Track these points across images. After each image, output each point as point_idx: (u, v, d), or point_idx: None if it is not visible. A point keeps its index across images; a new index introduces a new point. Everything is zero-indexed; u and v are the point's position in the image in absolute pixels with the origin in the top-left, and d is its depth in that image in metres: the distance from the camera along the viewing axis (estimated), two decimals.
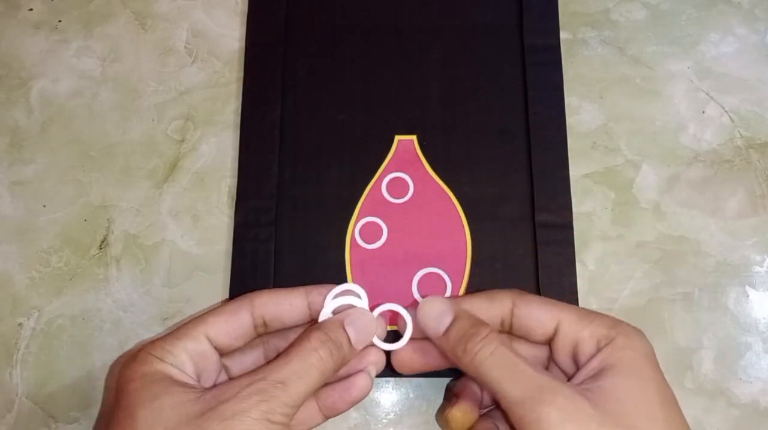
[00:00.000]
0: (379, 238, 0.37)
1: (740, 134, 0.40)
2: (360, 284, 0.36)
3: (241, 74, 0.40)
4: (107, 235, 0.38)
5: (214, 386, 0.28)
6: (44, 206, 0.39)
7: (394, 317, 0.33)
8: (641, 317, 0.37)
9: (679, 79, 0.41)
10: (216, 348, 0.29)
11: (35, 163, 0.40)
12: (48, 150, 0.40)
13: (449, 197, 0.38)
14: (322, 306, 0.31)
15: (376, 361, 0.31)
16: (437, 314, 0.29)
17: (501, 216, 0.37)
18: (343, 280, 0.37)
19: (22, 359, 0.36)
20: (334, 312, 0.31)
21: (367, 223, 0.38)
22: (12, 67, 0.42)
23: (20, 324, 0.37)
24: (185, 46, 0.42)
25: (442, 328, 0.28)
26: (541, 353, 0.30)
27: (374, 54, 0.41)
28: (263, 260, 0.37)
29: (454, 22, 0.41)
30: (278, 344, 0.32)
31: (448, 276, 0.37)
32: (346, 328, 0.29)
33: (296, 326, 0.31)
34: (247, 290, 0.36)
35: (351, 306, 0.31)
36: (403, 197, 0.38)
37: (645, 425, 0.24)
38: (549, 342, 0.29)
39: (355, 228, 0.38)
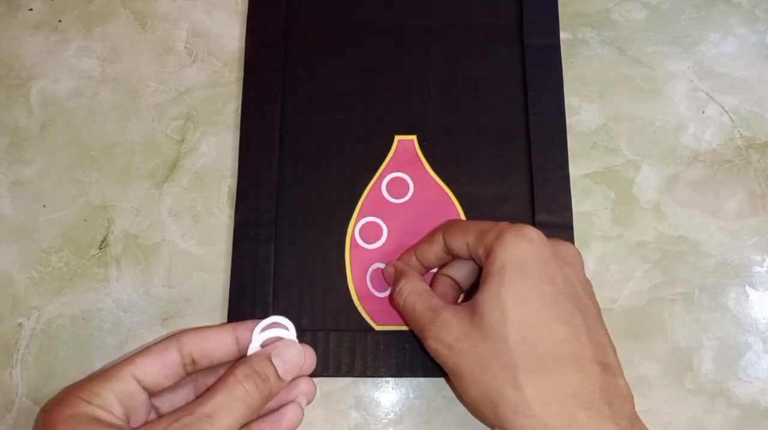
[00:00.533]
0: (379, 238, 0.37)
1: (740, 134, 0.40)
2: (359, 284, 0.37)
3: (241, 74, 0.40)
4: (107, 235, 0.38)
5: (143, 424, 0.28)
6: (44, 206, 0.39)
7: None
8: (641, 317, 0.37)
9: (679, 79, 0.41)
10: (144, 388, 0.29)
11: (35, 163, 0.40)
12: (48, 150, 0.40)
13: (449, 197, 0.38)
14: (250, 341, 0.30)
15: (307, 391, 0.31)
16: (388, 276, 0.35)
17: (501, 216, 0.37)
18: (343, 280, 0.37)
19: (22, 359, 0.36)
20: (263, 345, 0.31)
21: (367, 223, 0.38)
22: (12, 67, 0.42)
23: (20, 324, 0.37)
24: (185, 46, 0.42)
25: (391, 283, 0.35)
26: None
27: (374, 54, 0.41)
28: (263, 260, 0.37)
29: (454, 22, 0.41)
30: (207, 381, 0.31)
31: None
32: (273, 360, 0.29)
33: (225, 363, 0.31)
34: (247, 290, 0.36)
35: (279, 338, 0.31)
36: (403, 197, 0.38)
37: (499, 330, 0.27)
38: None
39: (355, 228, 0.38)
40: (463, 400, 0.30)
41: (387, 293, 0.37)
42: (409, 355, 0.35)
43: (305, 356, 0.31)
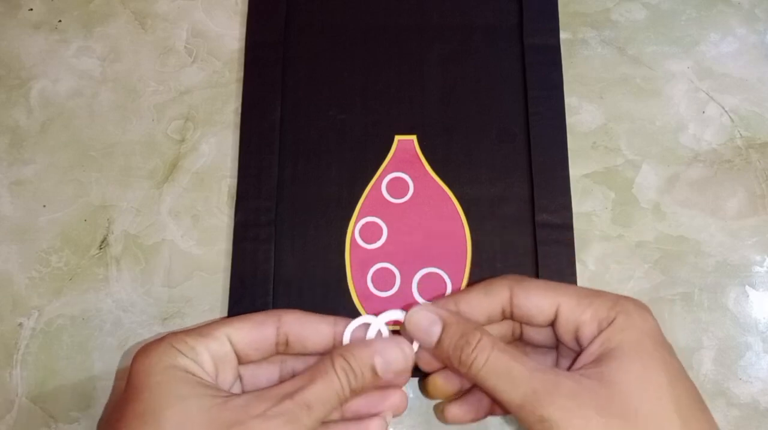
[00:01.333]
0: (379, 238, 0.37)
1: (740, 134, 0.40)
2: (359, 284, 0.37)
3: (241, 74, 0.40)
4: (107, 235, 0.38)
5: (240, 394, 0.27)
6: (44, 206, 0.39)
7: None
8: None
9: (679, 79, 0.41)
10: (236, 354, 0.28)
11: (35, 163, 0.40)
12: (48, 150, 0.40)
13: (449, 197, 0.38)
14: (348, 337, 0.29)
15: (397, 405, 0.29)
16: (426, 326, 0.28)
17: (501, 216, 0.37)
18: (343, 280, 0.37)
19: (22, 359, 0.36)
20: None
21: (367, 223, 0.38)
22: (12, 67, 0.42)
23: (20, 324, 0.37)
24: (185, 46, 0.42)
25: (434, 339, 0.28)
26: (549, 333, 0.29)
27: (374, 54, 0.41)
28: (263, 260, 0.37)
29: (454, 22, 0.41)
30: (296, 366, 0.30)
31: (448, 276, 0.37)
32: (375, 358, 0.27)
33: (317, 353, 0.30)
34: (247, 290, 0.36)
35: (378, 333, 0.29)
36: (403, 197, 0.38)
37: (650, 408, 0.24)
38: (552, 325, 0.28)
39: (355, 228, 0.38)
40: None
41: (387, 293, 0.37)
42: None
43: (408, 360, 0.28)
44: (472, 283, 0.36)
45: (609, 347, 0.25)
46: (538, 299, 0.27)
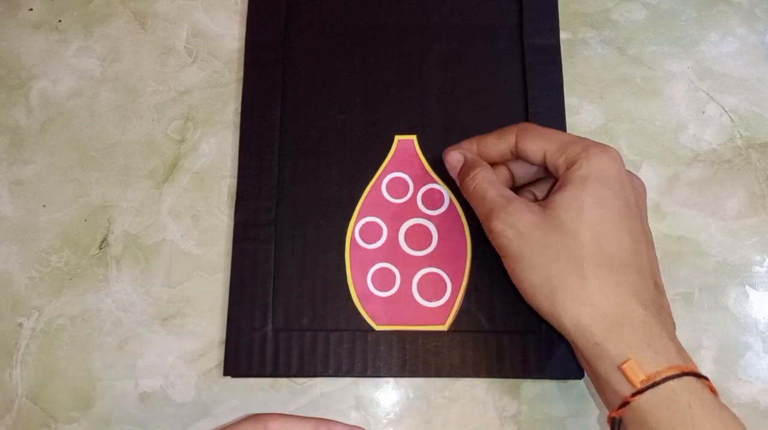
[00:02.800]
0: (379, 238, 0.37)
1: (740, 134, 0.40)
2: (359, 284, 0.37)
3: (241, 74, 0.40)
4: (107, 235, 0.38)
5: None
6: (44, 206, 0.39)
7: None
8: None
9: (679, 79, 0.41)
10: None
11: (35, 163, 0.40)
12: (48, 150, 0.40)
13: (449, 197, 0.38)
14: None
15: None
16: (455, 160, 0.36)
17: None
18: (343, 280, 0.37)
19: (22, 359, 0.36)
20: None
21: (367, 223, 0.38)
22: (12, 67, 0.42)
23: (20, 324, 0.37)
24: (185, 46, 0.42)
25: (458, 168, 0.35)
26: (534, 175, 0.36)
27: (374, 54, 0.41)
28: (263, 260, 0.37)
29: (454, 22, 0.41)
30: None
31: (448, 276, 0.37)
32: None
33: None
34: (247, 290, 0.36)
35: None
36: (403, 197, 0.38)
37: (571, 224, 0.30)
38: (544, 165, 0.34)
39: (355, 228, 0.38)
40: (520, 284, 0.31)
41: (387, 293, 0.37)
42: (409, 355, 0.35)
43: None
44: (472, 282, 0.36)
45: (562, 183, 0.31)
46: (532, 145, 0.33)
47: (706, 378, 0.28)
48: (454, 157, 0.36)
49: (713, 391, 0.28)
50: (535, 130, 0.34)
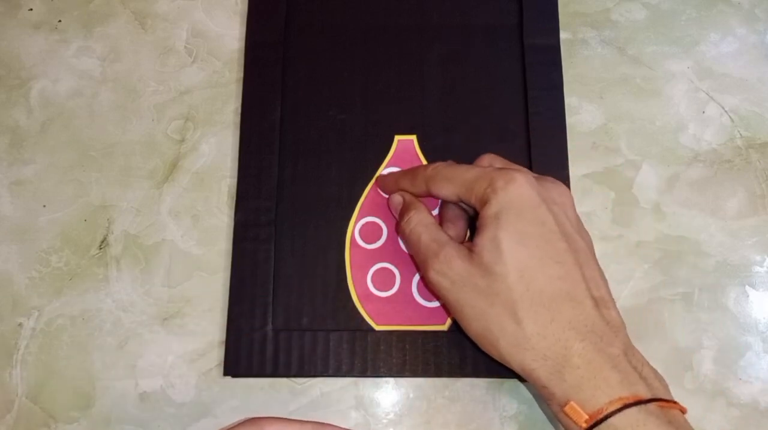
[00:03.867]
0: (379, 238, 0.37)
1: (740, 134, 0.40)
2: (359, 284, 0.37)
3: (241, 74, 0.40)
4: (107, 235, 0.38)
5: None
6: (44, 206, 0.39)
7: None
8: (641, 317, 0.37)
9: (679, 79, 0.41)
10: None
11: (35, 163, 0.40)
12: (48, 150, 0.40)
13: None
14: None
15: None
16: (395, 205, 0.36)
17: None
18: (343, 280, 0.37)
19: (22, 359, 0.36)
20: None
21: (367, 223, 0.38)
22: (12, 67, 0.42)
23: (20, 324, 0.37)
24: (185, 46, 0.42)
25: (398, 209, 0.36)
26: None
27: (374, 54, 0.41)
28: (263, 260, 0.37)
29: (454, 22, 0.41)
30: None
31: None
32: None
33: None
34: (247, 290, 0.36)
35: None
36: None
37: (497, 267, 0.30)
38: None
39: (355, 228, 0.38)
40: (466, 332, 0.32)
41: (387, 293, 0.37)
42: (409, 355, 0.35)
43: None
44: None
45: (479, 224, 0.31)
46: (443, 191, 0.33)
47: (653, 399, 0.28)
48: (394, 200, 0.36)
49: (664, 405, 0.28)
50: (441, 174, 0.33)
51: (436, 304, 0.36)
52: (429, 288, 0.35)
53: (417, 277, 0.37)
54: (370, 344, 0.35)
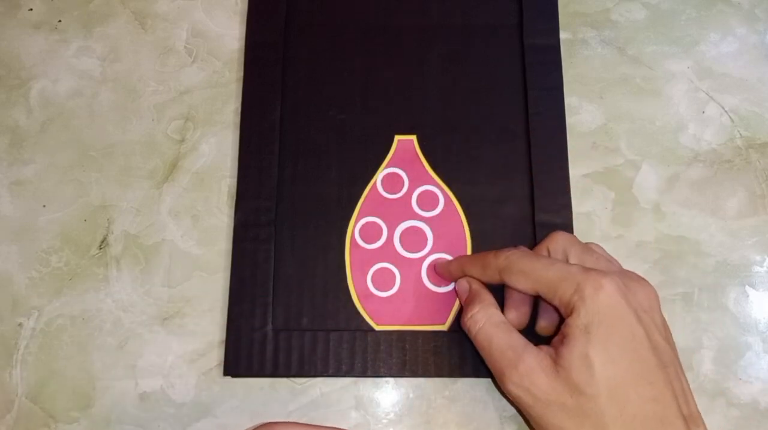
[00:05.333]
0: (379, 238, 0.37)
1: (740, 134, 0.40)
2: (359, 284, 0.37)
3: (241, 74, 0.40)
4: (107, 235, 0.38)
5: None
6: (44, 206, 0.39)
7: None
8: None
9: (679, 79, 0.41)
10: None
11: (35, 163, 0.40)
12: (48, 150, 0.40)
13: (449, 197, 0.38)
14: None
15: None
16: (462, 290, 0.35)
17: (501, 216, 0.38)
18: (343, 280, 0.37)
19: (22, 359, 0.36)
20: None
21: (367, 223, 0.38)
22: (12, 67, 0.42)
23: (20, 324, 0.37)
24: (185, 46, 0.42)
25: (464, 299, 0.34)
26: None
27: (374, 54, 0.41)
28: (263, 260, 0.37)
29: (454, 22, 0.41)
30: None
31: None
32: None
33: None
34: (247, 290, 0.36)
35: None
36: (397, 193, 0.38)
37: (588, 387, 0.28)
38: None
39: (355, 228, 0.38)
40: None
41: (387, 293, 0.37)
42: (409, 355, 0.35)
43: None
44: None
45: (565, 333, 0.29)
46: (521, 286, 0.31)
47: None
48: (461, 287, 0.35)
49: None
50: (517, 267, 0.32)
51: (436, 304, 0.36)
52: (507, 398, 0.33)
53: (417, 277, 0.37)
54: (370, 344, 0.35)
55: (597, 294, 0.29)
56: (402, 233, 0.37)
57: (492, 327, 0.31)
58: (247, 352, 0.35)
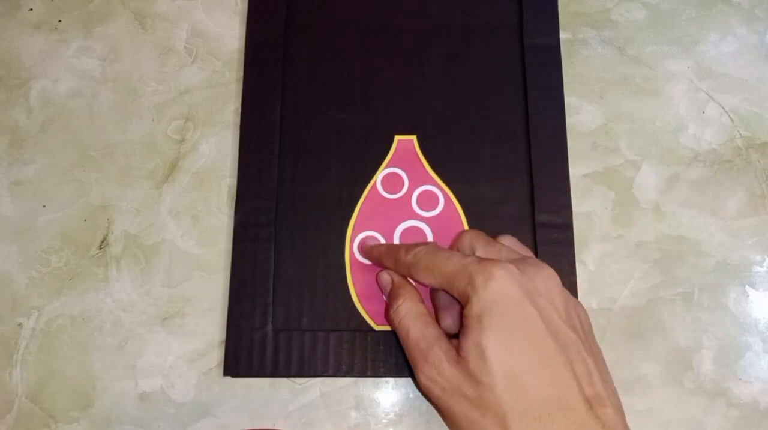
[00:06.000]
0: (380, 238, 0.37)
1: (740, 134, 0.40)
2: (360, 284, 0.37)
3: (241, 74, 0.40)
4: (107, 235, 0.38)
5: None
6: (44, 206, 0.39)
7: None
8: (641, 317, 0.37)
9: (679, 79, 0.41)
10: None
11: (35, 163, 0.40)
12: (48, 150, 0.40)
13: (449, 197, 0.38)
14: None
15: None
16: (383, 285, 0.35)
17: (501, 216, 0.37)
18: (343, 280, 0.37)
19: (22, 359, 0.36)
20: None
21: (368, 223, 0.38)
22: (12, 67, 0.42)
23: (20, 324, 0.37)
24: (185, 46, 0.42)
25: (387, 290, 0.35)
26: None
27: (374, 54, 0.41)
28: (263, 260, 0.37)
29: (454, 22, 0.41)
30: None
31: None
32: None
33: None
34: (247, 290, 0.36)
35: None
36: (397, 193, 0.38)
37: (485, 374, 0.28)
38: None
39: (355, 228, 0.38)
40: None
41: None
42: None
43: None
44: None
45: (463, 324, 0.30)
46: (427, 281, 0.32)
47: None
48: (382, 279, 0.35)
49: None
50: (422, 263, 0.32)
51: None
52: (421, 391, 0.33)
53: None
54: (370, 344, 0.35)
55: (488, 283, 0.29)
56: (402, 233, 0.37)
57: (410, 320, 0.32)
58: (247, 352, 0.35)
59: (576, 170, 0.39)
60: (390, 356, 0.35)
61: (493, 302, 0.29)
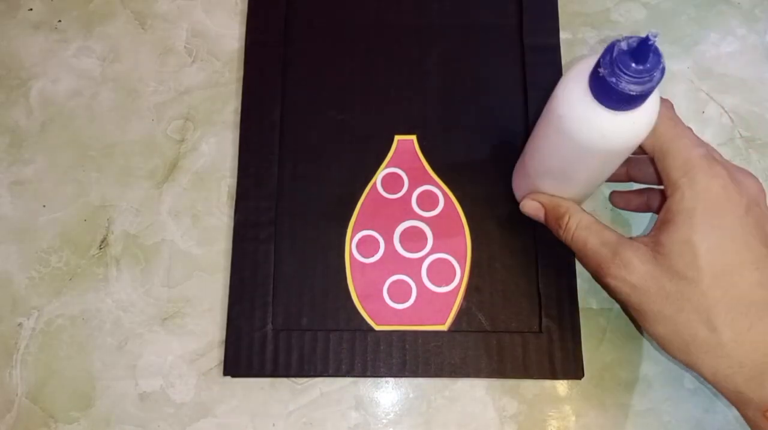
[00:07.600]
0: (377, 251, 0.37)
1: (740, 134, 0.40)
2: (359, 284, 0.36)
3: (241, 74, 0.40)
4: (107, 235, 0.38)
5: None
6: (44, 206, 0.39)
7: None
8: None
9: (679, 79, 0.41)
10: None
11: (35, 163, 0.40)
12: (48, 150, 0.40)
13: (449, 197, 0.38)
14: None
15: None
16: (534, 212, 0.35)
17: (501, 216, 0.37)
18: (343, 280, 0.37)
19: (22, 359, 0.36)
20: None
21: (367, 223, 0.38)
22: (12, 67, 0.42)
23: (20, 324, 0.37)
24: (185, 46, 0.42)
25: (542, 219, 0.34)
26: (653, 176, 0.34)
27: (374, 54, 0.41)
28: (263, 260, 0.37)
29: (454, 22, 0.41)
30: None
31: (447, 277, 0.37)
32: None
33: None
34: (247, 290, 0.36)
35: None
36: (397, 193, 0.38)
37: (691, 274, 0.28)
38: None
39: (355, 228, 0.38)
40: (651, 336, 0.30)
41: (387, 293, 0.37)
42: (409, 355, 0.35)
43: None
44: (471, 281, 0.36)
45: (667, 217, 0.29)
46: (648, 142, 0.30)
47: None
48: (530, 207, 0.35)
49: None
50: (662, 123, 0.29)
51: (436, 304, 0.36)
52: (608, 293, 0.33)
53: (417, 277, 0.37)
54: (370, 344, 0.35)
55: (707, 179, 0.28)
56: (402, 233, 0.37)
57: (583, 230, 0.32)
58: (247, 352, 0.35)
59: None
60: (390, 356, 0.35)
61: (708, 200, 0.28)
